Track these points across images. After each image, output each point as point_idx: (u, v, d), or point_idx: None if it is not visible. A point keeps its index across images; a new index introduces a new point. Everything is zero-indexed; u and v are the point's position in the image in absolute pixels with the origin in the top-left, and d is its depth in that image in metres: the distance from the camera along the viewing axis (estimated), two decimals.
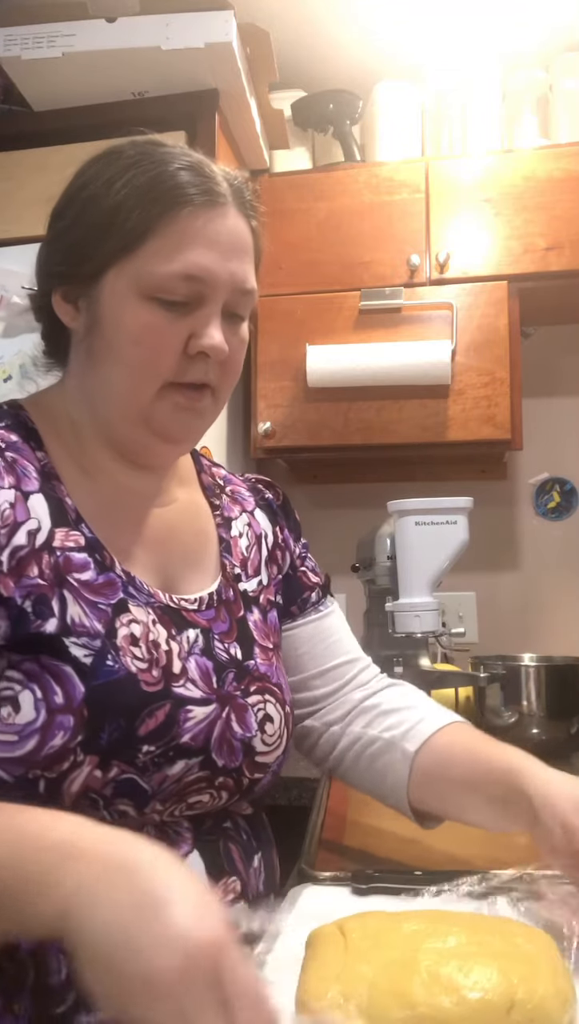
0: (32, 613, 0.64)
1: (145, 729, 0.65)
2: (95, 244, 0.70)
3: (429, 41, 1.92)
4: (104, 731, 0.63)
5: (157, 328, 0.69)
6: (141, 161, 0.71)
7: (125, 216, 0.69)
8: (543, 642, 2.00)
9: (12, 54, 1.55)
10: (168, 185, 0.70)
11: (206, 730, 0.69)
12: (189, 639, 0.72)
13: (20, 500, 0.67)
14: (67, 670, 0.63)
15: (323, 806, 1.07)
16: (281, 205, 1.89)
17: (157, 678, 0.68)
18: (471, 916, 0.63)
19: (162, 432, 0.74)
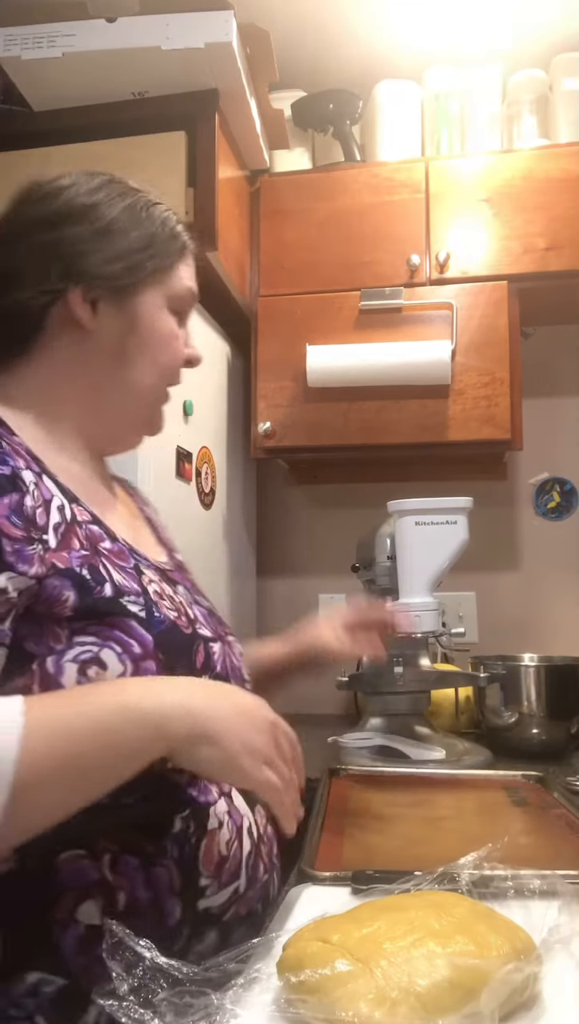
0: (91, 580, 0.70)
1: (199, 661, 0.77)
2: (140, 260, 0.81)
3: (429, 41, 1.92)
4: (177, 669, 0.73)
5: (177, 336, 0.85)
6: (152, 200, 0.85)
7: (161, 244, 0.82)
8: (543, 642, 2.00)
9: (12, 54, 1.55)
10: (179, 228, 0.85)
11: (223, 662, 0.82)
12: (182, 593, 0.83)
13: (38, 479, 0.71)
14: (132, 624, 0.71)
15: (323, 806, 1.07)
16: (281, 205, 1.89)
17: (186, 624, 0.78)
18: None
19: (155, 424, 0.88)
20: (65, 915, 0.65)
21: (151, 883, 0.69)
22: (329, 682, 1.56)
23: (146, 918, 0.67)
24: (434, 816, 1.04)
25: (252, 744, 0.65)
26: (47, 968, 0.64)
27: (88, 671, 0.67)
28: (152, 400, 0.86)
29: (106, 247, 0.79)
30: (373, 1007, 0.50)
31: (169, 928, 0.69)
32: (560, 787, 1.15)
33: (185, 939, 0.69)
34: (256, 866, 0.76)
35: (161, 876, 0.69)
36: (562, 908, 0.65)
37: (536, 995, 0.56)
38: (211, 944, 0.71)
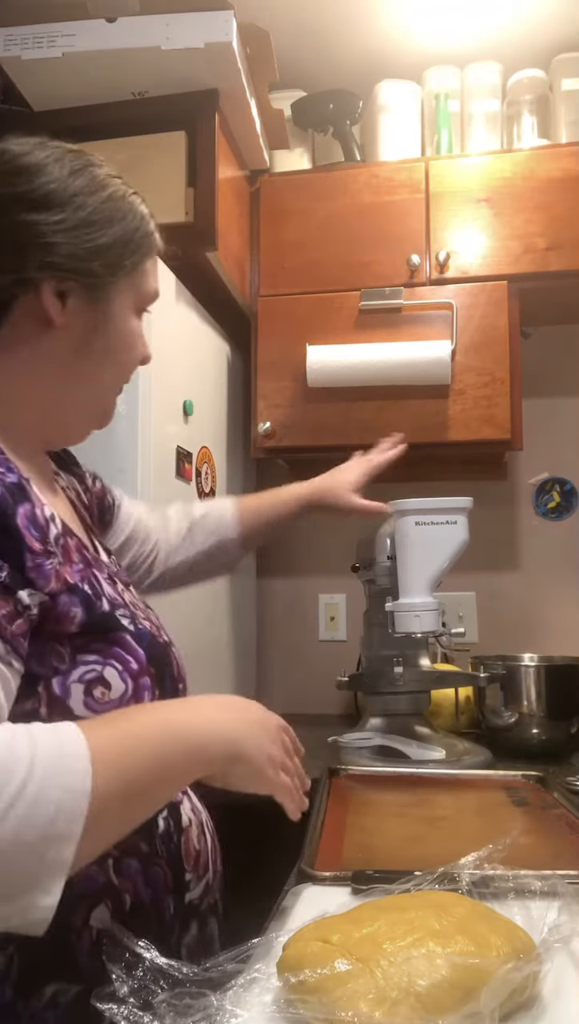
0: (92, 595, 0.69)
1: (175, 670, 0.79)
2: (118, 256, 0.76)
3: (429, 41, 1.92)
4: (165, 681, 0.75)
5: (140, 337, 0.82)
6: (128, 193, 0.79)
7: (137, 240, 0.78)
8: (543, 642, 2.00)
9: (12, 54, 1.55)
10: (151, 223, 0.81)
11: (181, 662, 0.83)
12: (134, 593, 0.83)
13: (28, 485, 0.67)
14: (128, 639, 0.71)
15: (323, 806, 1.07)
16: (281, 205, 1.89)
17: (157, 632, 0.79)
18: None
19: (105, 419, 0.84)
20: (80, 922, 0.66)
21: (150, 883, 0.72)
22: (329, 682, 1.56)
23: (148, 917, 0.71)
24: (434, 816, 1.04)
25: (271, 754, 0.70)
26: (63, 978, 0.65)
27: (94, 691, 0.67)
28: (107, 399, 0.83)
29: (86, 240, 0.73)
30: (373, 1007, 0.50)
31: (166, 924, 0.73)
32: (560, 787, 1.15)
33: (177, 932, 0.75)
34: (216, 858, 0.83)
35: (157, 875, 0.73)
36: (562, 908, 0.65)
37: (536, 995, 0.56)
38: (193, 935, 0.77)
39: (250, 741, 0.69)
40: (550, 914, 0.63)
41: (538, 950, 0.58)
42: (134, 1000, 0.52)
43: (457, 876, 0.71)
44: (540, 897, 0.68)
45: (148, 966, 0.55)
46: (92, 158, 0.79)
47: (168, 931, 0.73)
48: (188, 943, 0.76)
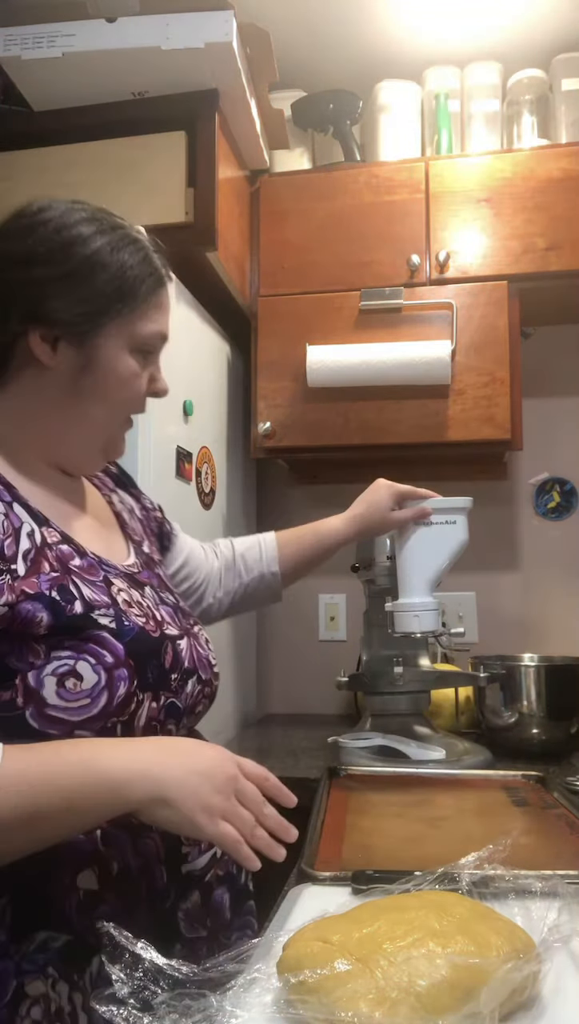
0: (61, 600, 0.75)
1: (168, 662, 0.82)
2: (104, 304, 0.82)
3: (429, 41, 1.92)
4: (148, 672, 0.79)
5: (138, 375, 0.87)
6: (128, 236, 0.85)
7: (132, 286, 0.83)
8: (543, 642, 2.00)
9: (12, 54, 1.55)
10: (153, 265, 0.86)
11: (190, 656, 0.87)
12: (149, 595, 0.88)
13: (8, 509, 0.76)
14: (104, 635, 0.76)
15: (323, 806, 1.07)
16: (281, 205, 1.89)
17: (154, 627, 0.83)
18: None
19: (113, 452, 0.92)
20: (67, 883, 0.73)
21: (140, 852, 0.78)
22: (329, 682, 1.56)
23: (136, 883, 0.77)
24: (434, 816, 1.04)
25: (207, 802, 0.70)
26: (53, 927, 0.72)
27: (66, 683, 0.73)
28: (107, 432, 0.89)
29: (69, 292, 0.81)
30: (373, 1007, 0.50)
31: (158, 890, 0.79)
32: (560, 787, 1.15)
33: (172, 899, 0.80)
34: None
35: (149, 847, 0.79)
36: (562, 908, 0.65)
37: (536, 995, 0.56)
38: (195, 903, 0.82)
39: (179, 787, 0.69)
40: (550, 914, 0.63)
41: (538, 950, 0.58)
42: (134, 1001, 0.52)
43: (457, 876, 0.71)
44: (540, 897, 0.68)
45: (148, 966, 0.55)
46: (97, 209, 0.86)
47: (161, 898, 0.79)
48: (187, 909, 0.81)
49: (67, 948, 0.72)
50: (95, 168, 1.60)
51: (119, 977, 0.54)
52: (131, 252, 0.84)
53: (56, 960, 0.72)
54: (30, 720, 0.72)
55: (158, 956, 0.56)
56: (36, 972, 0.71)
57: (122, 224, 0.86)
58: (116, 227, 0.85)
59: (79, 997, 0.72)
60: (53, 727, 0.73)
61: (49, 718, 0.72)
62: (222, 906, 0.85)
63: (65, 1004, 0.72)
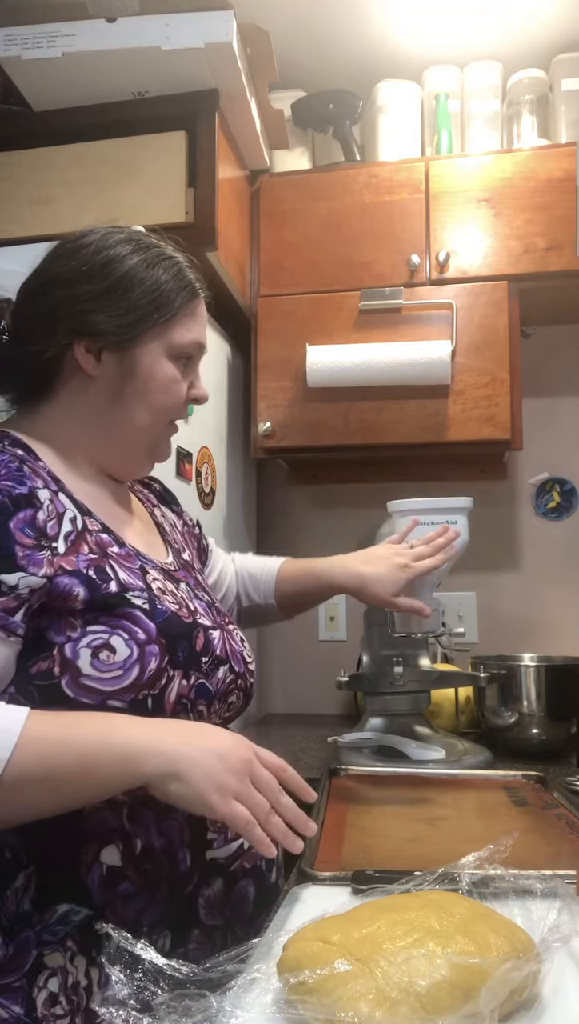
0: (97, 579, 0.80)
1: (199, 645, 0.86)
2: (142, 315, 0.89)
3: (429, 41, 1.92)
4: (178, 651, 0.83)
5: (177, 381, 0.93)
6: (165, 253, 0.93)
7: (167, 298, 0.90)
8: (543, 642, 2.00)
9: (12, 54, 1.55)
10: (187, 279, 0.93)
11: (223, 646, 0.91)
12: (184, 589, 0.93)
13: (54, 496, 0.83)
14: (137, 614, 0.81)
15: (323, 806, 1.07)
16: (281, 205, 1.89)
17: (187, 614, 0.87)
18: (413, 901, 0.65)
19: (159, 455, 0.98)
20: (91, 858, 0.77)
21: (164, 832, 0.80)
22: (329, 682, 1.56)
23: (159, 863, 0.80)
24: (434, 816, 1.04)
25: (221, 781, 0.72)
26: (75, 900, 0.76)
27: (100, 655, 0.77)
28: (151, 436, 0.94)
29: (110, 305, 0.88)
30: (373, 1007, 0.50)
31: (181, 873, 0.80)
32: (560, 787, 1.15)
33: (195, 884, 0.82)
34: None
35: (173, 827, 0.81)
36: (562, 908, 0.65)
37: (536, 995, 0.56)
38: (218, 890, 0.83)
39: (193, 765, 0.71)
40: (550, 914, 0.63)
41: (538, 950, 0.58)
42: (134, 1002, 0.52)
43: (457, 876, 0.71)
44: (540, 897, 0.68)
45: (147, 967, 0.55)
46: (136, 231, 0.94)
47: (184, 881, 0.81)
48: (209, 896, 0.83)
49: (87, 922, 0.75)
50: (95, 168, 1.60)
51: (119, 978, 0.54)
52: (165, 267, 0.91)
53: (76, 934, 0.75)
54: (65, 688, 0.76)
55: (158, 956, 0.56)
56: (55, 944, 0.75)
57: (157, 243, 0.93)
58: (151, 246, 0.92)
59: (96, 972, 0.75)
60: (87, 695, 0.76)
61: (83, 687, 0.76)
62: (245, 898, 0.86)
63: (81, 978, 0.75)
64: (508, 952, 0.55)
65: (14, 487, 0.78)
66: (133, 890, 0.77)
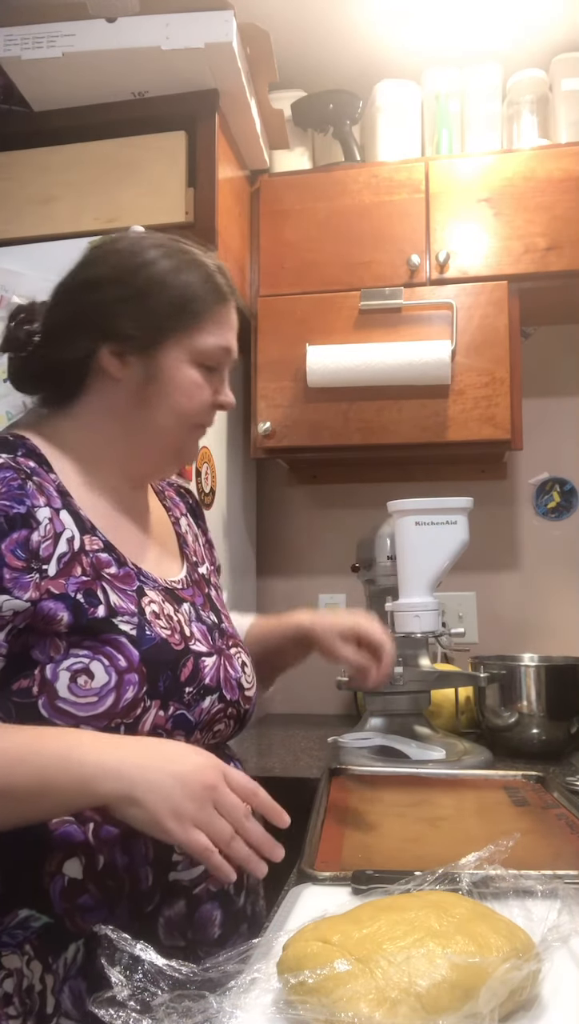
0: (85, 603, 0.80)
1: (184, 675, 0.85)
2: (166, 320, 0.90)
3: (429, 41, 1.92)
4: (160, 681, 0.82)
5: (201, 386, 0.93)
6: (194, 259, 0.92)
7: (192, 303, 0.90)
8: (543, 642, 2.00)
9: (12, 54, 1.55)
10: (215, 283, 0.93)
11: (215, 674, 0.90)
12: (185, 611, 0.92)
13: (55, 515, 0.83)
14: (122, 640, 0.81)
15: (323, 806, 1.07)
16: (281, 205, 1.89)
17: (179, 640, 0.87)
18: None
19: (185, 459, 0.99)
20: (54, 868, 0.78)
21: (128, 850, 0.80)
22: (329, 682, 1.56)
23: (120, 880, 0.79)
24: (434, 816, 1.04)
25: (178, 807, 0.70)
26: (36, 907, 0.77)
27: (78, 679, 0.78)
28: (176, 439, 0.94)
29: (136, 310, 0.89)
30: (373, 1007, 0.50)
31: (142, 892, 0.80)
32: (560, 787, 1.15)
33: (156, 903, 0.81)
34: None
35: (137, 846, 0.80)
36: (562, 908, 0.65)
37: (536, 995, 0.56)
38: (179, 911, 0.82)
39: (150, 789, 0.70)
40: (550, 914, 0.63)
41: (538, 950, 0.58)
42: (134, 1003, 0.52)
43: (457, 876, 0.71)
44: (540, 897, 0.68)
45: (147, 968, 0.55)
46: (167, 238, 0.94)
47: (144, 899, 0.80)
48: (169, 916, 0.81)
49: (45, 930, 0.77)
50: (95, 168, 1.60)
51: (118, 979, 0.54)
52: (193, 273, 0.91)
53: (34, 939, 0.76)
54: (41, 709, 0.77)
55: (158, 957, 0.56)
56: (13, 947, 0.76)
57: (187, 249, 0.93)
58: (181, 252, 0.92)
59: (50, 979, 0.76)
60: (61, 718, 0.77)
61: (58, 709, 0.77)
62: (209, 921, 0.84)
63: (36, 983, 0.76)
64: (508, 952, 0.55)
65: (12, 507, 0.79)
66: (93, 903, 0.77)
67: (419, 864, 0.76)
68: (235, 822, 0.72)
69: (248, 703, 0.96)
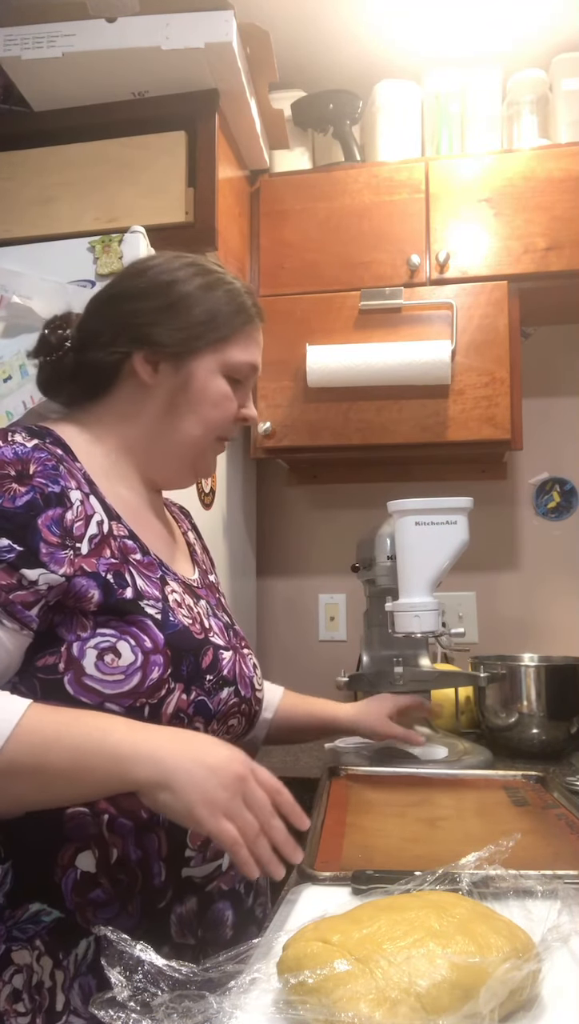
0: (114, 584, 0.82)
1: (205, 663, 0.87)
2: (200, 332, 0.95)
3: (429, 41, 1.92)
4: (183, 665, 0.84)
5: (229, 398, 0.98)
6: (224, 279, 0.98)
7: (223, 318, 0.96)
8: (543, 642, 2.00)
9: (12, 54, 1.55)
10: (246, 303, 0.99)
11: (232, 668, 0.92)
12: (203, 606, 0.95)
13: (85, 498, 0.85)
14: (147, 623, 0.82)
15: (323, 806, 1.07)
16: (281, 205, 1.89)
17: (199, 630, 0.89)
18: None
19: (202, 470, 1.02)
20: (66, 861, 0.78)
21: (141, 845, 0.81)
22: (329, 682, 1.56)
23: (133, 874, 0.80)
24: (434, 816, 1.03)
25: (211, 796, 0.71)
26: (47, 901, 0.77)
27: (105, 657, 0.79)
28: (199, 449, 0.98)
29: (171, 320, 0.94)
30: (373, 1007, 0.50)
31: (154, 887, 0.80)
32: (560, 787, 1.15)
33: (168, 900, 0.81)
34: None
35: (151, 841, 0.81)
36: (562, 908, 0.65)
37: (536, 995, 0.56)
38: (191, 909, 0.82)
39: (185, 776, 0.71)
40: (550, 914, 0.63)
41: (538, 950, 0.58)
42: (134, 1004, 0.52)
43: (457, 876, 0.71)
44: (540, 897, 0.68)
45: (147, 968, 0.55)
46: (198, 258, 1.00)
47: (157, 895, 0.80)
48: (181, 913, 0.82)
49: (57, 924, 0.77)
50: (95, 168, 1.60)
51: (118, 980, 0.54)
52: (223, 291, 0.97)
53: (45, 934, 0.77)
54: (67, 686, 0.78)
55: (158, 957, 0.56)
56: (24, 941, 0.76)
57: (216, 270, 0.99)
58: (211, 271, 0.98)
59: (61, 975, 0.76)
60: (87, 695, 0.78)
61: (85, 687, 0.78)
62: (221, 921, 0.85)
63: (46, 979, 0.76)
64: (508, 952, 0.55)
65: (47, 485, 0.81)
66: (105, 898, 0.78)
67: (419, 864, 0.76)
68: (262, 818, 0.73)
69: (258, 704, 0.98)
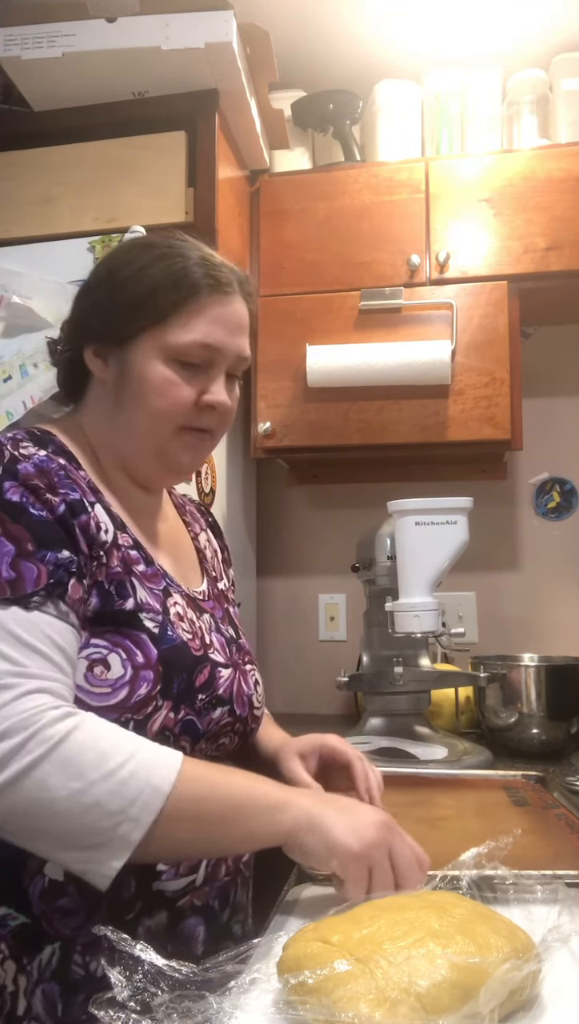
0: (115, 594, 0.81)
1: (199, 681, 0.84)
2: (130, 317, 0.88)
3: (429, 41, 1.92)
4: (174, 683, 0.81)
5: (175, 384, 0.88)
6: (169, 254, 0.89)
7: (156, 298, 0.87)
8: (543, 642, 2.00)
9: (12, 54, 1.55)
10: (191, 277, 0.87)
11: (229, 686, 0.89)
12: (206, 620, 0.92)
13: (92, 508, 0.83)
14: (143, 637, 0.80)
15: None
16: (281, 205, 1.89)
17: (198, 646, 0.86)
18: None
19: (173, 466, 0.93)
20: (35, 867, 0.77)
21: None
22: (329, 682, 1.56)
23: None
24: (434, 816, 1.04)
25: (360, 832, 0.72)
26: (14, 906, 0.77)
27: (95, 668, 0.77)
28: (157, 443, 0.90)
29: (105, 309, 0.89)
30: (373, 1007, 0.50)
31: (123, 899, 0.78)
32: (560, 787, 1.15)
33: (136, 912, 0.79)
34: (216, 867, 0.84)
35: None
36: (562, 908, 0.65)
37: (536, 995, 0.56)
38: (160, 922, 0.80)
39: (332, 817, 0.73)
40: (550, 914, 0.63)
41: (538, 950, 0.58)
42: (134, 1004, 0.52)
43: (457, 876, 0.71)
44: (540, 898, 0.68)
45: (147, 968, 0.55)
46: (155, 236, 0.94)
47: (125, 907, 0.79)
48: (150, 927, 0.80)
49: (23, 930, 0.76)
50: (95, 168, 1.60)
51: (118, 980, 0.54)
52: (160, 268, 0.87)
53: (9, 939, 0.76)
54: None
55: (157, 957, 0.56)
56: None
57: (172, 244, 0.90)
58: (157, 246, 0.90)
59: (23, 980, 0.75)
60: None
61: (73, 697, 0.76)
62: (192, 936, 0.82)
63: (9, 983, 0.75)
64: (508, 952, 0.55)
65: (69, 493, 0.80)
66: (72, 906, 0.76)
67: None
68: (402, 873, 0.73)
69: (255, 721, 0.96)
